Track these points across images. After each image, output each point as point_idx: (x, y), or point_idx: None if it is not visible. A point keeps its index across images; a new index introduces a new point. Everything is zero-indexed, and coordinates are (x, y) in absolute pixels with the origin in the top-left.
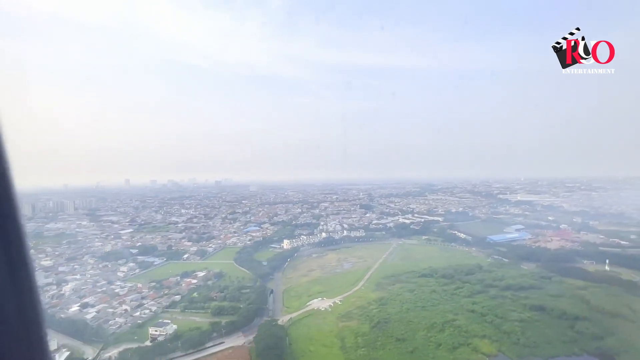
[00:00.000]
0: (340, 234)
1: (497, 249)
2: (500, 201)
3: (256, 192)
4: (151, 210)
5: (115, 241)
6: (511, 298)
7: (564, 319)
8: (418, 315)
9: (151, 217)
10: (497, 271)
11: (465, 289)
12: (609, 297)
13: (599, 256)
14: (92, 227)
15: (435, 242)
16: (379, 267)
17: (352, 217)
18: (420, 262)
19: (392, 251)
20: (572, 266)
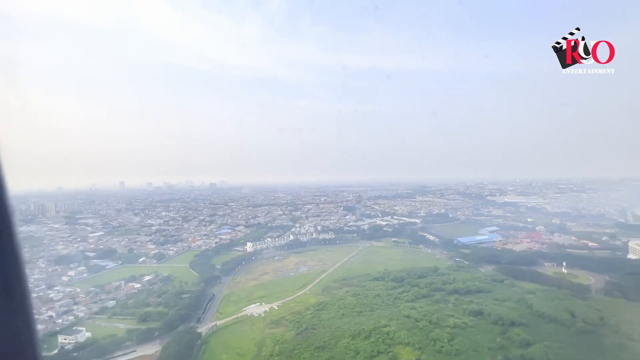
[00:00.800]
0: (310, 237)
1: (461, 252)
2: (487, 203)
3: (247, 195)
4: (132, 213)
5: (79, 244)
6: (454, 302)
7: (500, 324)
8: (351, 321)
9: (129, 219)
10: (451, 274)
11: (411, 293)
12: (553, 301)
13: (562, 258)
14: (64, 230)
15: (403, 245)
16: (334, 271)
17: (331, 219)
18: (378, 265)
19: (355, 254)
20: (530, 269)
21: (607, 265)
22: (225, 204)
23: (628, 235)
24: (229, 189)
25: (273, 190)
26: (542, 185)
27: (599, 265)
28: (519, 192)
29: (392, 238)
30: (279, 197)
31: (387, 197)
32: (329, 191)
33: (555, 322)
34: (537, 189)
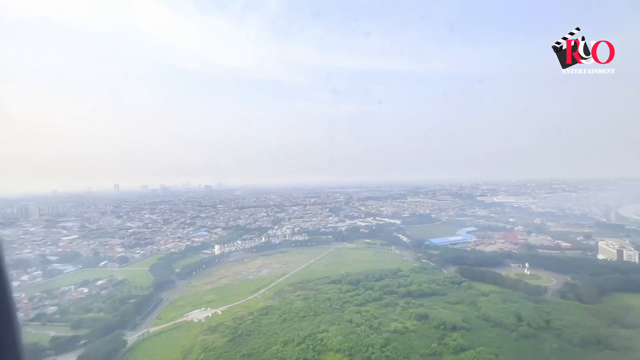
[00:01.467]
0: (285, 239)
1: (429, 253)
2: (475, 203)
3: (239, 197)
4: (115, 216)
5: (47, 248)
6: (403, 306)
7: (442, 329)
8: (290, 327)
9: (110, 222)
10: (411, 276)
11: (362, 297)
12: (504, 304)
13: (530, 259)
14: (39, 233)
15: (375, 246)
16: (295, 274)
17: (312, 221)
18: (342, 267)
19: (324, 256)
20: (492, 270)
21: (573, 266)
22: (214, 206)
23: (604, 235)
24: (223, 191)
25: (267, 192)
26: (535, 186)
27: (564, 266)
28: (511, 193)
29: (366, 239)
30: (270, 198)
31: (378, 198)
32: (323, 193)
33: (499, 326)
34: (530, 189)
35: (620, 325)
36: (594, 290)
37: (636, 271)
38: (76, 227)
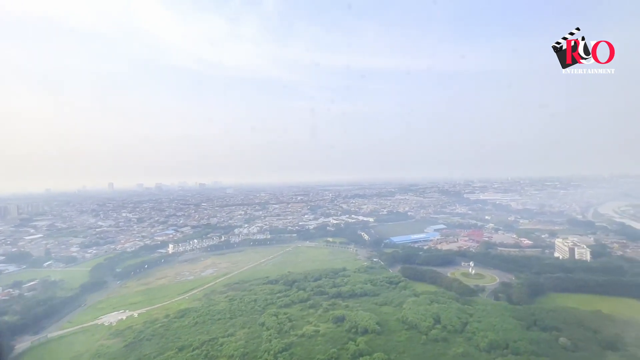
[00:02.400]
0: (247, 237)
1: (384, 252)
2: (459, 200)
3: (229, 195)
4: (92, 215)
5: (4, 247)
6: (326, 308)
7: (353, 332)
8: (198, 330)
9: (83, 221)
10: (352, 276)
11: (290, 298)
12: (430, 304)
13: (482, 258)
14: (7, 232)
15: (334, 245)
16: (238, 273)
17: (287, 219)
18: (290, 266)
19: (278, 255)
20: (433, 270)
21: (522, 264)
22: (198, 204)
23: (572, 233)
24: (216, 190)
25: (259, 190)
26: (528, 183)
27: (514, 264)
28: (500, 190)
29: (330, 238)
30: (259, 196)
31: (366, 196)
32: (314, 191)
33: (414, 329)
34: (521, 186)
35: (540, 327)
36: (529, 290)
37: (580, 270)
38: (45, 226)
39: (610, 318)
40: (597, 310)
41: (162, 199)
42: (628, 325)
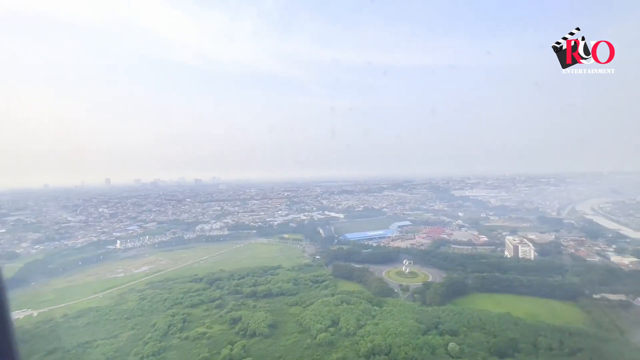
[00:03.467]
0: (205, 233)
1: (330, 249)
2: (443, 197)
3: (217, 191)
4: (69, 210)
5: None
6: (232, 308)
7: (240, 334)
8: (85, 331)
9: (56, 217)
10: (281, 274)
11: (202, 297)
12: (338, 306)
13: (425, 255)
14: None
15: (287, 242)
16: (171, 271)
17: (258, 215)
18: (229, 264)
19: (225, 252)
20: (362, 268)
21: (460, 262)
22: (182, 200)
23: (537, 230)
24: (209, 186)
25: (253, 186)
26: (524, 179)
27: (452, 263)
28: (492, 186)
29: (287, 234)
30: (247, 192)
31: (354, 192)
32: (308, 186)
33: (306, 332)
34: (514, 182)
35: (439, 331)
36: (450, 290)
37: (515, 269)
38: (13, 221)
39: (517, 321)
40: (506, 313)
41: (152, 194)
42: (532, 329)
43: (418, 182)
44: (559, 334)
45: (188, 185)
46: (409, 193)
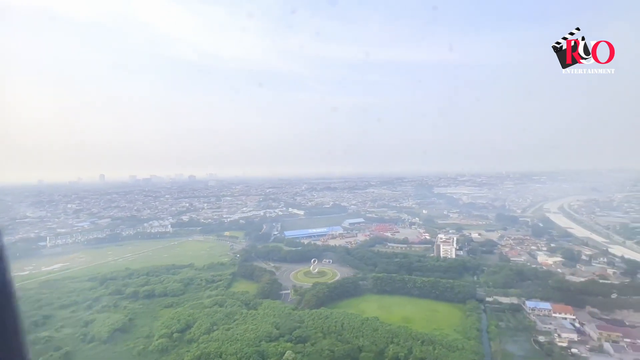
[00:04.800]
0: (150, 230)
1: (257, 247)
2: (424, 194)
3: (203, 187)
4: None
5: None
6: (99, 310)
7: None
8: None
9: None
10: (183, 273)
11: (76, 299)
12: (206, 309)
13: (347, 254)
14: None
15: (224, 239)
16: (79, 270)
17: (221, 211)
18: (146, 262)
19: (155, 249)
20: (273, 267)
21: (374, 262)
22: (159, 197)
23: (487, 228)
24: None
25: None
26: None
27: (366, 262)
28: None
29: (230, 232)
30: (233, 189)
31: (337, 189)
32: (296, 184)
33: (149, 338)
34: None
35: (291, 337)
36: (338, 292)
37: (426, 269)
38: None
39: (380, 327)
40: (375, 318)
41: (135, 190)
42: (389, 335)
43: (410, 180)
44: (413, 341)
45: (181, 182)
46: (392, 190)
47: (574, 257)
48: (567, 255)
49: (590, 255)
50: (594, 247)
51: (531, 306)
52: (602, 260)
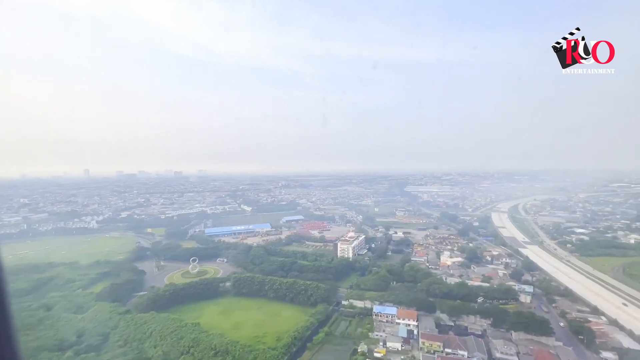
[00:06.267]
0: (80, 225)
1: (161, 244)
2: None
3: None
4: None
5: None
6: None
7: None
8: None
9: None
10: (49, 273)
11: None
12: None
13: (239, 254)
14: None
15: (145, 235)
16: None
17: (171, 207)
18: (35, 258)
19: (61, 245)
20: (162, 266)
21: (261, 261)
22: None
23: (426, 226)
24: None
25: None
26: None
27: (253, 262)
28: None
29: (150, 229)
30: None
31: (312, 186)
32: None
33: None
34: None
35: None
36: (191, 294)
37: (307, 269)
38: None
39: (195, 334)
40: (195, 324)
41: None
42: (195, 342)
43: (394, 178)
44: (208, 351)
45: (166, 178)
46: (365, 188)
47: (476, 258)
48: (470, 255)
49: (493, 256)
50: (510, 247)
51: (377, 311)
52: (504, 261)
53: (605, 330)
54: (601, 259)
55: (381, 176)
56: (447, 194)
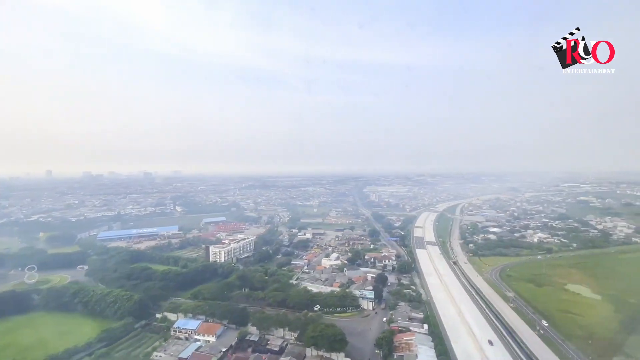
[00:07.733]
0: None
1: (33, 248)
2: (350, 193)
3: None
4: None
5: None
6: None
7: None
8: None
9: None
10: None
11: None
12: None
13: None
14: None
15: (31, 240)
16: None
17: (100, 210)
18: None
19: None
20: None
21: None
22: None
23: (350, 227)
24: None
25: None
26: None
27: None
28: (416, 183)
29: (43, 232)
30: (170, 186)
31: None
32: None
33: None
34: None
35: None
36: None
37: (148, 278)
38: None
39: None
40: None
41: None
42: None
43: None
44: None
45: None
46: (326, 189)
47: (359, 260)
48: (354, 257)
49: (376, 258)
50: (409, 247)
51: (178, 325)
52: (385, 263)
53: (413, 342)
54: (492, 259)
55: (353, 177)
56: (400, 194)
